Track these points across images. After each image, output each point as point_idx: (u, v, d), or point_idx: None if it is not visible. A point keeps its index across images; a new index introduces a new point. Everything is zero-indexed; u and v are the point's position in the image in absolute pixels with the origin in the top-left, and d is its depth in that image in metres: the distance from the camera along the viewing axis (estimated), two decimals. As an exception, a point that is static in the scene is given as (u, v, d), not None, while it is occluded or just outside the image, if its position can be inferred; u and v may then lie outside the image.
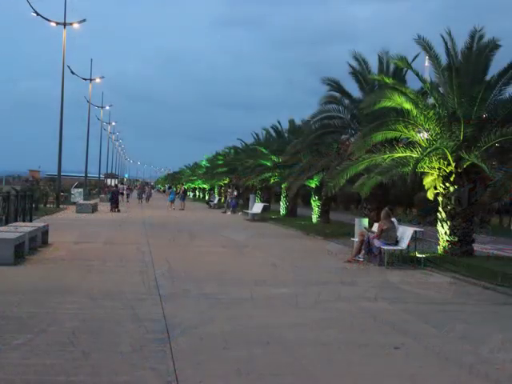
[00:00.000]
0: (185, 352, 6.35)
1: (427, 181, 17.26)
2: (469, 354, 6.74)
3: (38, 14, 39.56)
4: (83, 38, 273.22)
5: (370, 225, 17.05)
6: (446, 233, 16.62)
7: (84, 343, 6.52)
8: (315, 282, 11.59)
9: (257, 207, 36.01)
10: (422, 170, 16.89)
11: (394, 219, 15.40)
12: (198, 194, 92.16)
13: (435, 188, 17.13)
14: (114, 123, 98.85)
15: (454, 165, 16.42)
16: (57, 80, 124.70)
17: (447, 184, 16.65)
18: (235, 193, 44.89)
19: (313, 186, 31.04)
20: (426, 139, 17.16)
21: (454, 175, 16.52)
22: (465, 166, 16.24)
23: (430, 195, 17.53)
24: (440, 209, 16.92)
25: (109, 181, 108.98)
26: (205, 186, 76.22)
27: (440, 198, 16.95)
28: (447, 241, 16.56)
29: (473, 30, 16.40)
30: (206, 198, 70.74)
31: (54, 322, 7.38)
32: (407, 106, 16.88)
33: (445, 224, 16.64)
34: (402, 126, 17.15)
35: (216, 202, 53.77)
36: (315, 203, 31.56)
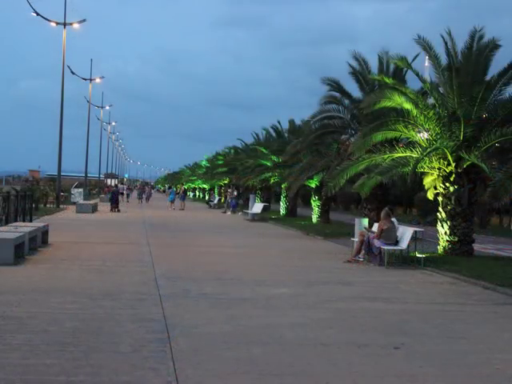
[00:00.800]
0: (185, 352, 6.35)
1: (427, 181, 17.27)
2: (469, 354, 6.75)
3: (38, 14, 39.57)
4: (83, 38, 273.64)
5: (370, 225, 17.04)
6: (446, 233, 16.63)
7: (84, 343, 6.52)
8: (315, 282, 11.59)
9: (257, 207, 36.02)
10: (422, 169, 16.90)
11: (393, 219, 15.40)
12: (198, 193, 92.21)
13: (435, 188, 17.13)
14: (114, 123, 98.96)
15: (453, 165, 16.43)
16: (57, 80, 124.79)
17: (447, 184, 16.66)
18: (235, 193, 44.89)
19: (313, 186, 31.05)
20: (426, 139, 17.17)
21: (453, 175, 16.52)
22: (465, 166, 16.25)
23: (430, 195, 17.54)
24: (440, 209, 16.93)
25: (109, 181, 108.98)
26: (205, 185, 76.27)
27: (440, 198, 16.95)
28: (447, 241, 16.57)
29: (473, 30, 16.43)
30: (206, 197, 70.78)
31: (54, 322, 7.38)
32: (407, 106, 16.88)
33: (445, 224, 16.65)
34: (401, 126, 17.15)
35: (216, 202, 53.77)
36: (315, 203, 31.57)
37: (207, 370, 5.77)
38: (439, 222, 16.97)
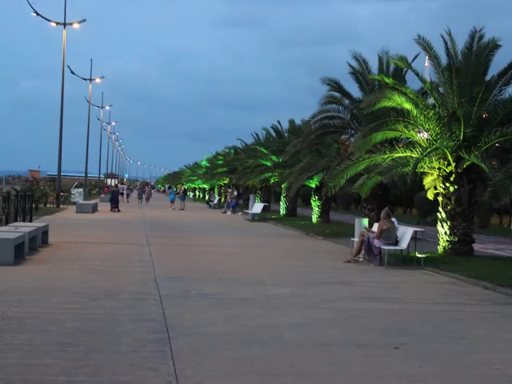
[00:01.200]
0: (185, 352, 6.34)
1: (427, 181, 17.27)
2: (469, 354, 6.75)
3: (38, 14, 39.59)
4: (83, 38, 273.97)
5: (370, 225, 17.04)
6: (446, 233, 16.62)
7: (84, 343, 6.52)
8: (315, 282, 11.59)
9: (257, 207, 36.00)
10: (422, 170, 16.90)
11: (394, 219, 15.40)
12: (198, 194, 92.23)
13: (435, 188, 17.13)
14: (113, 123, 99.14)
15: (454, 165, 16.43)
16: (57, 80, 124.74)
17: (447, 184, 16.66)
18: (235, 193, 44.88)
19: (313, 185, 31.06)
20: (426, 139, 17.17)
21: (453, 175, 16.52)
22: (465, 166, 16.25)
23: (430, 195, 17.53)
24: (440, 209, 16.93)
25: (109, 181, 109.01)
26: (205, 185, 76.26)
27: (440, 198, 16.95)
28: (447, 241, 16.57)
29: (473, 30, 16.43)
30: (206, 197, 70.77)
31: (54, 322, 7.38)
32: (407, 106, 16.88)
33: (445, 224, 16.65)
34: (401, 126, 17.15)
35: (216, 202, 53.75)
36: (315, 203, 31.58)
37: (207, 370, 5.77)
38: (439, 222, 16.97)
